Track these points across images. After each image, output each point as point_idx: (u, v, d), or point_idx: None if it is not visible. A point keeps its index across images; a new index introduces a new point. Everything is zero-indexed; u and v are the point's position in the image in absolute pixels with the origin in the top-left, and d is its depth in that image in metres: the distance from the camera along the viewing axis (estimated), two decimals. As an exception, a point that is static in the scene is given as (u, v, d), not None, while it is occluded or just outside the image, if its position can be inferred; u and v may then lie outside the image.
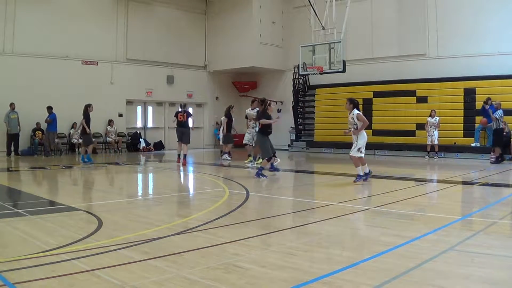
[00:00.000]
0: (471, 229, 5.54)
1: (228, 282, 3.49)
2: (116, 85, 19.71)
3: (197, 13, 23.10)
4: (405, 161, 15.68)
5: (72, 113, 17.01)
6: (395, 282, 3.45)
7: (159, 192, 9.16)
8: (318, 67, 17.16)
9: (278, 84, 23.07)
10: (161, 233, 5.07)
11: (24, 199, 7.23)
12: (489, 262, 4.04)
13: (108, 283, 3.44)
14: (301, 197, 8.59)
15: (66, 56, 18.15)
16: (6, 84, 16.45)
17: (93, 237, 4.83)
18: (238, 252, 4.32)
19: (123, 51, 20.12)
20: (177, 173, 12.08)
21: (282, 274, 3.67)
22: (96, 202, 7.55)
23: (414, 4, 18.50)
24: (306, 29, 18.48)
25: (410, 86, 18.09)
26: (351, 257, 4.21)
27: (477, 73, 16.58)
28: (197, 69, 23.14)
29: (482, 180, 10.42)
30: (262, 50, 21.52)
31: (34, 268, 3.77)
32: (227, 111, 15.41)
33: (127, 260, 4.01)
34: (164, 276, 3.61)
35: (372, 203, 7.48)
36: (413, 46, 18.45)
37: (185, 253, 4.28)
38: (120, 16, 19.97)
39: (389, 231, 5.18)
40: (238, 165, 13.64)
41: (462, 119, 16.82)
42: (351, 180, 9.50)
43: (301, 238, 5.09)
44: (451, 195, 8.37)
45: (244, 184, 9.34)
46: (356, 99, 9.59)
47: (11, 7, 16.86)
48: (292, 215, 6.62)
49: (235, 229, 5.35)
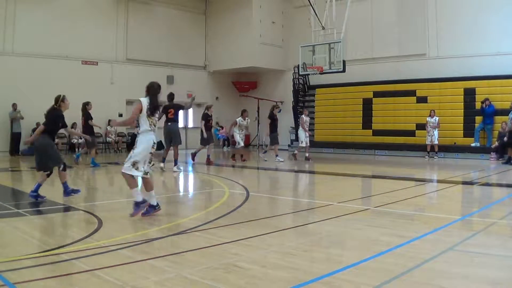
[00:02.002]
0: (471, 229, 5.54)
1: (228, 282, 3.49)
2: (116, 85, 19.70)
3: (197, 13, 23.10)
4: (405, 161, 15.68)
5: (72, 113, 16.88)
6: (395, 282, 3.46)
7: (159, 192, 9.11)
8: (318, 67, 17.15)
9: (278, 84, 23.07)
10: (161, 233, 5.08)
11: (24, 199, 7.23)
12: (489, 262, 4.04)
13: (108, 283, 3.44)
14: (301, 197, 8.59)
15: (66, 56, 18.14)
16: (6, 84, 16.45)
17: (93, 237, 4.83)
18: (238, 252, 4.32)
19: (123, 51, 20.12)
20: (177, 173, 12.07)
21: (282, 274, 3.67)
22: (96, 202, 7.55)
23: (414, 4, 18.50)
24: (306, 29, 18.47)
25: (410, 86, 18.08)
26: (351, 257, 4.21)
27: (477, 73, 16.58)
28: (197, 69, 23.14)
29: (482, 180, 10.42)
30: (262, 50, 21.52)
31: (34, 268, 3.77)
32: (270, 112, 15.07)
33: (127, 260, 4.01)
34: (164, 276, 3.61)
35: (372, 203, 7.48)
36: (413, 46, 18.45)
37: (185, 253, 4.28)
38: (120, 16, 19.96)
39: (389, 231, 5.18)
40: (238, 165, 13.64)
41: (462, 119, 16.81)
42: (351, 180, 9.47)
43: (301, 238, 5.09)
44: (451, 195, 8.37)
45: (244, 184, 9.34)
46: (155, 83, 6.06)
47: (11, 7, 16.86)
48: (292, 215, 6.62)
49: (235, 229, 5.35)
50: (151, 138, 5.84)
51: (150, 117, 5.82)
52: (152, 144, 5.85)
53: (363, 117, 19.17)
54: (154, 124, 5.91)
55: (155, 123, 5.94)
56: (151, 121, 5.85)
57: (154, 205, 5.96)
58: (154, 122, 5.91)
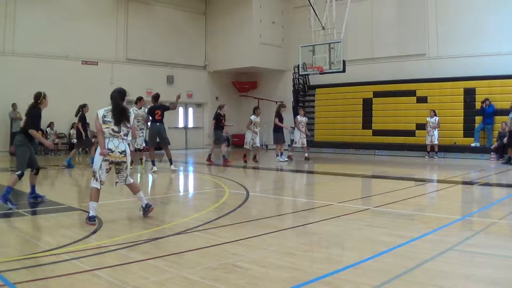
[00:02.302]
0: (471, 229, 5.54)
1: (228, 282, 3.49)
2: (116, 85, 19.49)
3: (197, 13, 23.09)
4: (405, 161, 15.68)
5: (72, 113, 16.96)
6: (395, 282, 3.46)
7: (159, 192, 9.15)
8: (318, 67, 17.16)
9: (278, 84, 23.07)
10: (161, 233, 5.08)
11: (24, 199, 7.22)
12: (489, 262, 4.04)
13: (108, 283, 3.44)
14: (301, 197, 8.59)
15: (66, 56, 18.15)
16: (6, 84, 16.45)
17: (93, 237, 4.84)
18: (238, 252, 4.32)
19: (123, 51, 20.12)
20: (176, 173, 12.07)
21: (282, 274, 3.67)
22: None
23: (414, 4, 18.49)
24: (306, 29, 18.48)
25: (410, 86, 18.07)
26: (351, 257, 4.21)
27: (477, 73, 16.57)
28: (197, 69, 23.13)
29: (482, 180, 10.42)
30: (262, 50, 21.51)
31: (34, 268, 3.77)
32: (277, 112, 14.95)
33: (127, 260, 4.01)
34: (164, 276, 3.61)
35: (372, 203, 7.48)
36: (413, 46, 18.45)
37: (185, 253, 4.28)
38: (120, 16, 19.97)
39: (389, 231, 5.18)
40: (238, 165, 13.64)
41: (462, 119, 16.80)
42: (351, 180, 9.48)
43: (301, 238, 5.09)
44: (451, 195, 8.37)
45: (244, 184, 9.34)
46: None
47: (11, 7, 16.86)
48: (292, 215, 6.62)
49: (235, 229, 5.35)
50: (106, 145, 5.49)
51: (105, 124, 5.47)
52: (108, 151, 5.46)
53: (363, 117, 19.17)
54: (114, 130, 5.48)
55: (117, 129, 5.50)
56: (107, 127, 5.47)
57: (144, 206, 5.82)
58: (115, 129, 5.49)
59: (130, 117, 5.64)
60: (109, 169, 5.61)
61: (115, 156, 5.50)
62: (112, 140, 5.50)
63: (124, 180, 5.74)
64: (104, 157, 5.48)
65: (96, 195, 5.57)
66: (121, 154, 5.54)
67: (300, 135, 15.22)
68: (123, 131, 5.55)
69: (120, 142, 5.53)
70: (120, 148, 5.53)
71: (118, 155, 5.51)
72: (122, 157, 5.56)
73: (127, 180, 5.76)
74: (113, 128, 5.49)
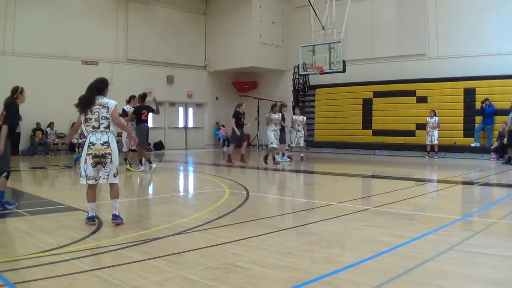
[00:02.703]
0: (471, 229, 5.54)
1: (228, 282, 3.49)
2: (116, 85, 19.55)
3: (197, 13, 23.09)
4: (405, 161, 15.68)
5: (72, 113, 16.96)
6: (395, 282, 3.46)
7: (159, 192, 9.15)
8: (318, 67, 17.16)
9: (278, 84, 23.07)
10: (161, 233, 5.07)
11: (24, 199, 7.22)
12: (489, 262, 4.04)
13: (108, 283, 3.44)
14: (301, 197, 8.59)
15: (66, 56, 18.15)
16: (6, 84, 16.25)
17: (93, 237, 4.83)
18: (238, 252, 4.32)
19: (123, 51, 20.12)
20: (176, 173, 12.08)
21: (282, 274, 3.67)
22: (96, 202, 7.52)
23: (414, 4, 18.49)
24: (306, 29, 18.48)
25: (410, 86, 18.08)
26: (351, 257, 4.21)
27: (477, 73, 16.57)
28: (197, 69, 23.13)
29: (482, 180, 10.42)
30: (262, 50, 21.51)
31: (34, 268, 3.77)
32: (279, 110, 14.66)
33: (127, 260, 4.01)
34: (164, 276, 3.61)
35: (372, 203, 7.48)
36: (413, 46, 18.45)
37: (185, 253, 4.28)
38: (120, 16, 19.96)
39: (389, 231, 5.18)
40: (238, 166, 13.64)
41: (462, 119, 16.81)
42: (351, 180, 9.47)
43: (301, 238, 5.09)
44: (451, 195, 8.37)
45: (244, 184, 9.34)
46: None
47: (11, 7, 16.86)
48: (292, 215, 6.62)
49: (235, 229, 5.35)
50: (87, 141, 5.39)
51: (86, 122, 5.45)
52: (89, 144, 5.34)
53: (363, 117, 19.17)
54: (94, 126, 5.39)
55: (96, 125, 5.40)
56: (88, 125, 5.43)
57: (112, 215, 5.49)
58: (95, 125, 5.41)
59: (110, 108, 5.55)
60: (95, 164, 5.37)
61: (97, 149, 5.32)
62: (94, 133, 5.39)
63: (107, 177, 5.40)
64: (88, 151, 5.32)
65: (90, 195, 5.47)
66: (103, 145, 5.33)
67: (296, 135, 15.14)
68: (103, 125, 5.41)
69: (102, 134, 5.39)
70: (103, 140, 5.35)
71: (100, 147, 5.32)
72: (105, 148, 5.34)
73: (111, 178, 5.44)
74: (93, 125, 5.41)
